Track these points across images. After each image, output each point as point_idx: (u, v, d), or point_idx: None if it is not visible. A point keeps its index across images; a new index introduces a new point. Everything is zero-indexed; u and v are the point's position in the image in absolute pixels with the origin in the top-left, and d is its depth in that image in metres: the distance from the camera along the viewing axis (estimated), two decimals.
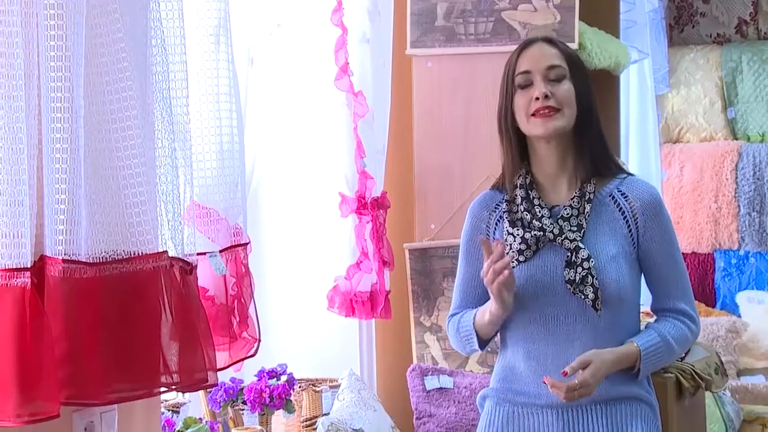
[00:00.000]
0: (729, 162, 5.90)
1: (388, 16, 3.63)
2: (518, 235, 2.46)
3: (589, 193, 2.47)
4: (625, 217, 2.47)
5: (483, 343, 2.53)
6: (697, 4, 6.25)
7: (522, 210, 2.48)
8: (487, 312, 2.44)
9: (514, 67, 2.48)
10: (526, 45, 2.52)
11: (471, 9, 3.67)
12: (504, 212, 2.51)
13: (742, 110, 6.02)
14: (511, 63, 2.50)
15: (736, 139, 6.03)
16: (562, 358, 2.41)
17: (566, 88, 2.45)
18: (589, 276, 2.39)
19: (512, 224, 2.48)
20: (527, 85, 2.45)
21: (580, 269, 2.40)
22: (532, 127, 2.45)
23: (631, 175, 2.56)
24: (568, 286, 2.41)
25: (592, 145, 2.49)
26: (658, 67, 5.83)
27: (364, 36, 3.52)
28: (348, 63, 3.43)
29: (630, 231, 2.47)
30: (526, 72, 2.46)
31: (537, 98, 2.42)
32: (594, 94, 2.53)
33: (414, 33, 3.72)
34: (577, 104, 2.46)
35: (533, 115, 2.43)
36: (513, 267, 2.44)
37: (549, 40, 2.54)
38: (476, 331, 2.50)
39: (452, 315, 2.61)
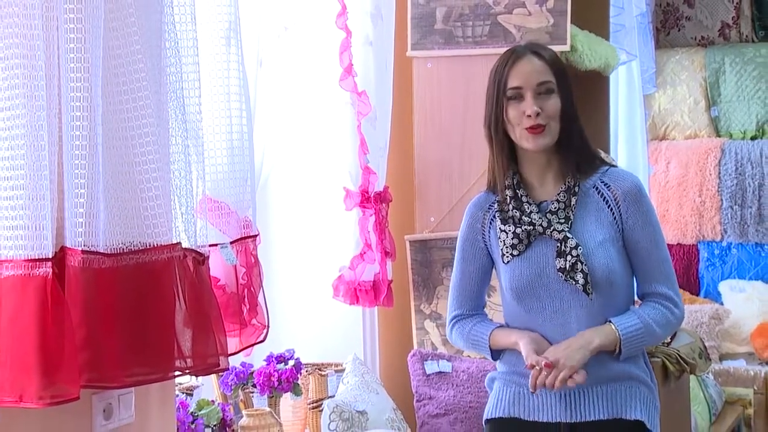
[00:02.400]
0: (712, 158, 5.89)
1: (389, 20, 3.62)
2: (510, 231, 2.48)
3: (574, 187, 2.48)
4: (609, 205, 2.48)
5: (496, 354, 2.57)
6: (682, 9, 6.23)
7: (512, 208, 2.49)
8: (511, 338, 2.49)
9: (505, 81, 2.46)
10: (515, 58, 2.48)
11: (468, 13, 3.66)
12: (496, 212, 2.52)
13: (724, 109, 6.01)
14: (500, 75, 2.48)
15: (719, 136, 6.03)
16: (561, 341, 2.43)
17: (553, 102, 2.46)
18: (579, 263, 2.41)
19: (504, 222, 2.50)
20: (518, 98, 2.45)
21: (569, 257, 2.41)
22: (522, 140, 2.47)
23: (614, 166, 2.58)
24: (560, 274, 2.43)
25: (575, 145, 2.50)
26: (646, 68, 5.82)
27: (368, 39, 3.51)
28: (352, 64, 3.42)
29: (614, 218, 2.48)
30: (518, 88, 2.45)
31: (528, 115, 2.43)
32: (575, 101, 2.53)
33: (414, 36, 3.71)
34: (562, 114, 2.47)
35: (525, 129, 2.44)
36: (507, 262, 2.47)
37: (536, 52, 2.50)
38: (491, 348, 2.54)
39: (456, 319, 2.61)
